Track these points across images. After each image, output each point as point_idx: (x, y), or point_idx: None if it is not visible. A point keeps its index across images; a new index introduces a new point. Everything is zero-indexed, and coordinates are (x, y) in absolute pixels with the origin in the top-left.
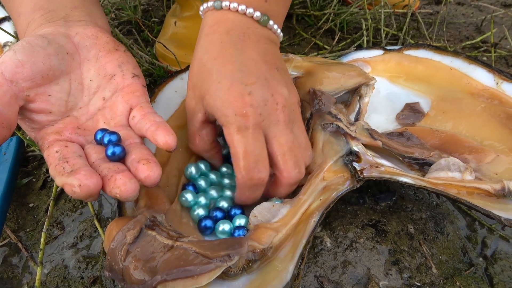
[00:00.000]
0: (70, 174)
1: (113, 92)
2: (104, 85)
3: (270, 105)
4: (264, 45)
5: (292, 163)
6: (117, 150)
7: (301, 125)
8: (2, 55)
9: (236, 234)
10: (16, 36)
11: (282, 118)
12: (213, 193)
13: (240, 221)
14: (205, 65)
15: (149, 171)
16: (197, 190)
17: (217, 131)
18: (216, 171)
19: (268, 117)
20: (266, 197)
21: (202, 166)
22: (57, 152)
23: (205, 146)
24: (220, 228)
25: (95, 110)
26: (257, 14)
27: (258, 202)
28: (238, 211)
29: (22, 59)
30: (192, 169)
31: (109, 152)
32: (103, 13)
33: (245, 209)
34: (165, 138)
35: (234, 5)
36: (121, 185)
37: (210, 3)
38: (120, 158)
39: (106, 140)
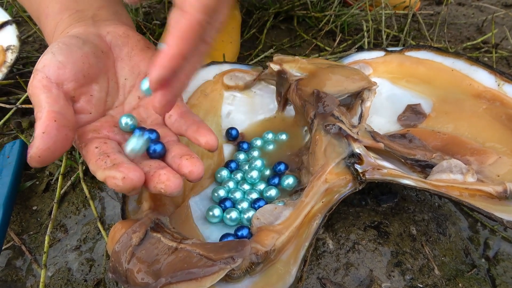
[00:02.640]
0: (113, 167)
1: None
2: (139, 84)
3: None
4: None
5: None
6: (158, 147)
7: None
8: (41, 58)
9: (239, 234)
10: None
11: None
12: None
13: (288, 180)
14: None
15: (193, 166)
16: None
17: None
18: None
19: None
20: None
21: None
22: (96, 148)
23: None
24: (228, 216)
25: (130, 109)
26: None
27: None
28: (283, 167)
29: (62, 60)
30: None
31: (150, 149)
32: (127, 12)
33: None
34: (206, 138)
35: None
36: (166, 180)
37: None
38: (161, 156)
39: (145, 137)
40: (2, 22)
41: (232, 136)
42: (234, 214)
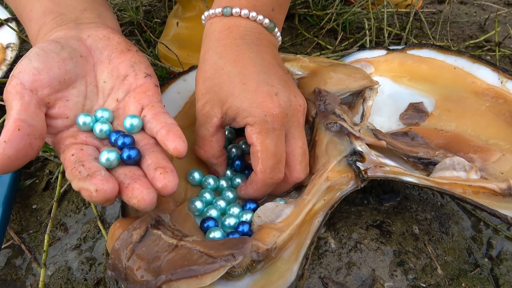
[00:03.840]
0: (86, 178)
1: (126, 93)
2: (118, 86)
3: (293, 106)
4: (273, 50)
5: (304, 165)
6: (133, 153)
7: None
8: (18, 64)
9: (240, 229)
10: (18, 37)
11: (302, 121)
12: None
13: (247, 216)
14: (222, 68)
15: (166, 181)
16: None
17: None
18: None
19: (291, 119)
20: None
21: (211, 180)
22: (72, 155)
23: (215, 152)
24: (226, 223)
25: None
26: (266, 21)
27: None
28: (252, 206)
29: (37, 66)
30: (196, 175)
31: (125, 155)
32: (113, 14)
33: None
34: (175, 143)
35: (245, 12)
36: (138, 195)
37: (217, 10)
38: (136, 162)
39: (120, 143)
40: (2, 20)
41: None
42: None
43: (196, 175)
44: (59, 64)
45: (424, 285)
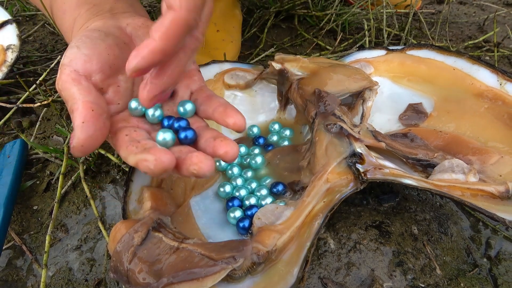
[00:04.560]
0: (144, 151)
1: None
2: None
3: None
4: None
5: None
6: (190, 133)
7: None
8: (66, 53)
9: (241, 225)
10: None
11: None
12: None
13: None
14: None
15: (228, 147)
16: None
17: None
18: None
19: None
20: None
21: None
22: (126, 135)
23: None
24: (232, 215)
25: None
26: None
27: None
28: (280, 187)
29: (87, 53)
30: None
31: (182, 135)
32: (141, 3)
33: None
34: (234, 119)
35: None
36: (198, 162)
37: None
38: (192, 141)
39: (175, 126)
40: (3, 21)
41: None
42: (238, 213)
43: (222, 162)
44: (107, 50)
45: (423, 285)
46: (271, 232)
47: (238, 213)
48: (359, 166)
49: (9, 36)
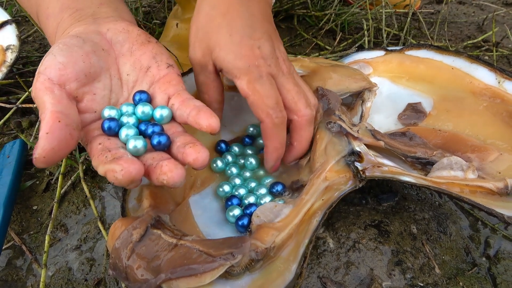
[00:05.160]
0: (112, 161)
1: (150, 84)
2: (141, 78)
3: (276, 56)
4: (264, 5)
5: (303, 102)
6: (163, 139)
7: (298, 75)
8: (43, 60)
9: (240, 223)
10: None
11: (286, 69)
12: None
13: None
14: (214, 19)
15: (197, 153)
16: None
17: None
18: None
19: (275, 68)
20: (288, 164)
21: (236, 148)
22: (99, 144)
23: (217, 96)
24: (231, 213)
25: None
26: None
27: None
28: (279, 187)
29: (63, 61)
30: (218, 163)
31: (155, 141)
32: (128, 7)
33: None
34: (208, 121)
35: None
36: (168, 171)
37: None
38: (166, 147)
39: (149, 131)
40: (2, 21)
41: (223, 149)
42: (237, 211)
43: (219, 163)
44: (83, 58)
45: (422, 284)
46: (269, 229)
47: (237, 211)
48: (357, 164)
49: (8, 37)
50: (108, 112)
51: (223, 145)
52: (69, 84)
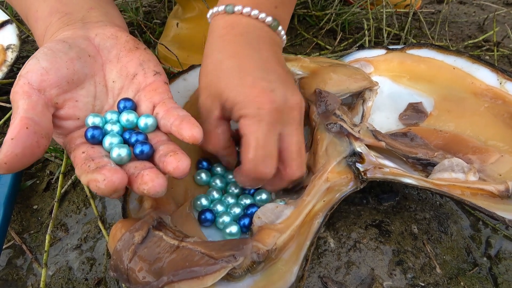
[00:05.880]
0: (95, 170)
1: (136, 92)
2: (127, 85)
3: (289, 104)
4: (276, 49)
5: (298, 162)
6: (145, 148)
7: (303, 130)
8: (26, 64)
9: (241, 223)
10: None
11: (298, 118)
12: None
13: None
14: (222, 63)
15: (178, 162)
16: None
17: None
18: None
19: (287, 116)
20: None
21: (219, 169)
22: (83, 153)
23: (223, 143)
24: (221, 220)
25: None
26: (269, 19)
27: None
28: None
29: (46, 66)
30: (203, 176)
31: (138, 150)
32: (119, 12)
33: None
34: (191, 131)
35: (247, 9)
36: (149, 181)
37: (220, 7)
38: (149, 156)
39: (133, 140)
40: (2, 21)
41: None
42: (226, 218)
43: (203, 176)
44: (67, 64)
45: (423, 284)
46: (271, 231)
47: (227, 219)
48: (359, 165)
49: (9, 36)
50: (92, 120)
51: (204, 163)
52: (49, 90)
